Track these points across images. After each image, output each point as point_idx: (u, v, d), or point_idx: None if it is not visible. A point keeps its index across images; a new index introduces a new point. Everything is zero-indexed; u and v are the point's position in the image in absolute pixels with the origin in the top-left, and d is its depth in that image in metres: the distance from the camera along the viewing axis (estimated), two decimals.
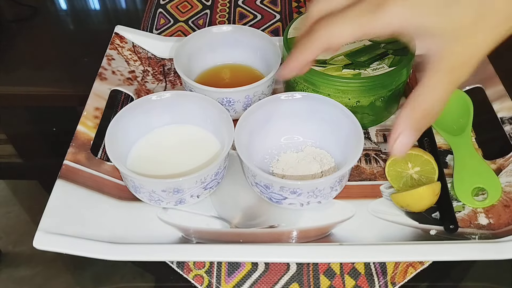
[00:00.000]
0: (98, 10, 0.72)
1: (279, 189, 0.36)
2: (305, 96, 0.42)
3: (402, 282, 0.36)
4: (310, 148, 0.43)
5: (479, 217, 0.39)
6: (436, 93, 0.29)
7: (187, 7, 0.67)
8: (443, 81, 0.29)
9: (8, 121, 0.52)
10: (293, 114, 0.43)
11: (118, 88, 0.50)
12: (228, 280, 0.37)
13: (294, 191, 0.36)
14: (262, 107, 0.41)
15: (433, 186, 0.38)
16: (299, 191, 0.36)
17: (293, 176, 0.41)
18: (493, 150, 0.44)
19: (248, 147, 0.40)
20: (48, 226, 0.36)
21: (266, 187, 0.37)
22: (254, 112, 0.41)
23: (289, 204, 0.38)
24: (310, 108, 0.42)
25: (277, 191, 0.37)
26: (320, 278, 0.37)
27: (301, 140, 0.44)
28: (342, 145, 0.41)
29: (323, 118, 0.42)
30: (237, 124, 0.39)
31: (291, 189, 0.36)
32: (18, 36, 0.65)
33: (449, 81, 0.29)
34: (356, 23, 0.29)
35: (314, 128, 0.43)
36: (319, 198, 0.37)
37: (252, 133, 0.41)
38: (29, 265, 0.39)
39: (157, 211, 0.40)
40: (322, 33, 0.31)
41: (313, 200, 0.37)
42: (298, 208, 0.38)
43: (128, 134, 0.42)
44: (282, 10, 0.66)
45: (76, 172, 0.41)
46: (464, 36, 0.28)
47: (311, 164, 0.41)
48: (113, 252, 0.35)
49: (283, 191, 0.36)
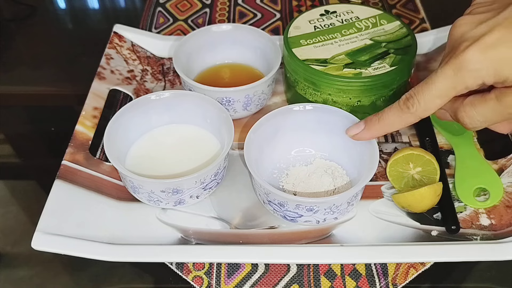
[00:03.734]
0: (97, 9, 0.71)
1: (294, 207, 0.35)
2: (316, 108, 0.41)
3: (403, 284, 0.36)
4: (320, 161, 0.42)
5: (480, 217, 0.39)
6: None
7: (187, 6, 0.67)
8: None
9: (6, 121, 0.52)
10: (303, 126, 0.42)
11: (117, 88, 0.50)
12: (228, 282, 0.36)
13: (311, 209, 0.35)
14: (271, 120, 0.40)
15: (435, 187, 0.38)
16: (316, 208, 0.35)
17: (305, 193, 0.39)
18: (495, 150, 0.44)
19: (257, 162, 0.39)
20: (47, 227, 0.36)
21: (280, 205, 0.36)
22: (263, 125, 0.40)
23: (304, 221, 0.37)
24: (321, 120, 0.41)
25: (293, 209, 0.35)
26: (321, 279, 0.36)
27: (312, 153, 0.43)
28: (355, 157, 0.40)
29: (334, 130, 0.41)
30: (246, 139, 0.38)
31: (308, 207, 0.35)
32: (16, 35, 0.64)
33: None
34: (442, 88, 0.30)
35: (325, 140, 0.42)
36: (336, 214, 0.36)
37: (261, 147, 0.40)
38: (27, 266, 0.39)
39: (156, 211, 0.40)
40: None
41: (330, 217, 0.36)
42: (314, 225, 0.37)
43: (127, 134, 0.42)
44: (282, 9, 0.66)
45: (75, 172, 0.41)
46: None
47: (323, 178, 0.40)
48: (112, 253, 0.35)
49: (298, 209, 0.35)
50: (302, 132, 0.42)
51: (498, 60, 0.28)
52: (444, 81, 0.30)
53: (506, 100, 0.29)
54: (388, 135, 0.46)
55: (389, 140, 0.46)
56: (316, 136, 0.42)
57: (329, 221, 0.37)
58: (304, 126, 0.42)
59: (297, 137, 0.42)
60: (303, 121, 0.41)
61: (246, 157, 0.37)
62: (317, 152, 0.43)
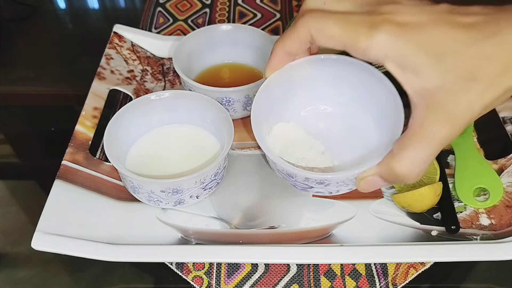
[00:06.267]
0: (97, 9, 0.71)
1: (303, 180, 0.33)
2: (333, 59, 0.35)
3: (403, 283, 0.36)
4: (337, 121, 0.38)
5: (480, 217, 0.39)
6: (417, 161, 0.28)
7: (187, 6, 0.67)
8: (425, 148, 0.28)
9: (6, 121, 0.52)
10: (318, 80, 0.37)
11: (117, 88, 0.50)
12: (228, 281, 0.36)
13: (321, 182, 0.33)
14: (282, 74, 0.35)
15: (435, 187, 0.38)
16: (327, 182, 0.33)
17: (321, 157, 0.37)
18: (495, 150, 0.44)
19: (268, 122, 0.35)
20: (47, 227, 0.36)
21: (289, 176, 0.34)
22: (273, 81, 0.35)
23: (316, 192, 0.35)
24: (338, 72, 0.36)
25: (302, 181, 0.33)
26: (321, 279, 0.36)
27: (329, 111, 0.38)
28: (378, 116, 0.35)
29: (354, 84, 0.36)
30: (254, 101, 0.34)
31: (318, 180, 0.33)
32: (16, 36, 0.64)
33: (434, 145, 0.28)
34: (348, 32, 0.28)
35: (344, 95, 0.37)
36: (350, 185, 0.34)
37: (270, 107, 0.36)
38: (27, 266, 0.39)
39: (156, 211, 0.40)
40: (310, 23, 0.29)
41: (344, 189, 0.34)
42: (327, 194, 0.35)
43: (127, 134, 0.42)
44: (282, 9, 0.66)
45: (75, 172, 0.41)
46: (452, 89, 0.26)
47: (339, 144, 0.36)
48: (112, 253, 0.35)
49: (308, 181, 0.33)
50: (316, 86, 0.38)
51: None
52: None
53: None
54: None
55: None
56: (332, 90, 0.38)
57: (343, 191, 0.35)
58: (318, 80, 0.37)
59: (312, 92, 0.38)
60: (317, 74, 0.36)
61: (253, 123, 0.34)
62: (334, 109, 0.39)
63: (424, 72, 0.27)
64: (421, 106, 0.28)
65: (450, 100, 0.27)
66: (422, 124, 0.28)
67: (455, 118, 0.27)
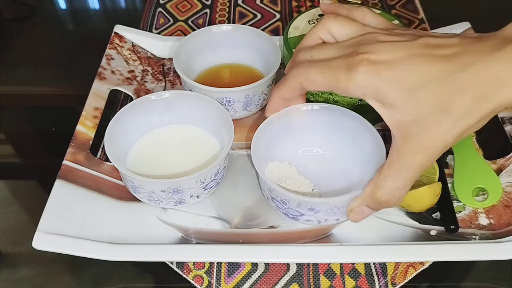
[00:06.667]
0: (97, 10, 0.71)
1: (296, 205, 0.36)
2: (325, 108, 0.40)
3: (402, 283, 0.36)
4: (326, 161, 0.42)
5: (479, 217, 0.39)
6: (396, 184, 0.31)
7: (187, 6, 0.67)
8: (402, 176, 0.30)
9: (7, 121, 0.52)
10: (312, 125, 0.41)
11: (117, 88, 0.50)
12: (228, 281, 0.37)
13: (312, 208, 0.35)
14: (280, 118, 0.39)
15: (434, 186, 0.38)
16: (317, 208, 0.35)
17: (310, 193, 0.39)
18: (494, 150, 0.44)
19: (265, 159, 0.39)
20: (48, 227, 0.36)
21: (282, 203, 0.36)
22: (272, 123, 0.39)
23: (306, 220, 0.37)
24: (330, 120, 0.41)
25: (294, 207, 0.36)
26: (320, 278, 0.36)
27: (319, 153, 0.42)
28: (363, 159, 0.39)
29: (343, 130, 0.40)
30: (254, 137, 0.38)
31: (309, 206, 0.35)
32: (16, 36, 0.65)
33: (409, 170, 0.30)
34: (329, 76, 0.31)
35: (334, 140, 0.41)
36: (337, 215, 0.36)
37: (268, 145, 0.40)
38: (28, 266, 0.39)
39: (156, 211, 0.40)
40: (298, 74, 0.33)
41: (331, 218, 0.37)
42: (315, 225, 0.38)
43: (127, 134, 0.42)
44: (282, 10, 0.66)
45: (76, 172, 0.41)
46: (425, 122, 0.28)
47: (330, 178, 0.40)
48: (113, 253, 0.35)
49: (300, 208, 0.36)
50: (310, 132, 0.42)
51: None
52: None
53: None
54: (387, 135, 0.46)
55: (389, 140, 0.46)
56: (324, 136, 0.42)
57: (331, 221, 0.37)
58: (312, 126, 0.41)
59: (305, 136, 0.42)
60: (312, 120, 0.41)
61: (253, 154, 0.37)
62: (325, 152, 0.42)
63: (399, 106, 0.29)
64: (398, 137, 0.30)
65: (423, 132, 0.29)
66: (399, 154, 0.30)
67: (428, 149, 0.29)
